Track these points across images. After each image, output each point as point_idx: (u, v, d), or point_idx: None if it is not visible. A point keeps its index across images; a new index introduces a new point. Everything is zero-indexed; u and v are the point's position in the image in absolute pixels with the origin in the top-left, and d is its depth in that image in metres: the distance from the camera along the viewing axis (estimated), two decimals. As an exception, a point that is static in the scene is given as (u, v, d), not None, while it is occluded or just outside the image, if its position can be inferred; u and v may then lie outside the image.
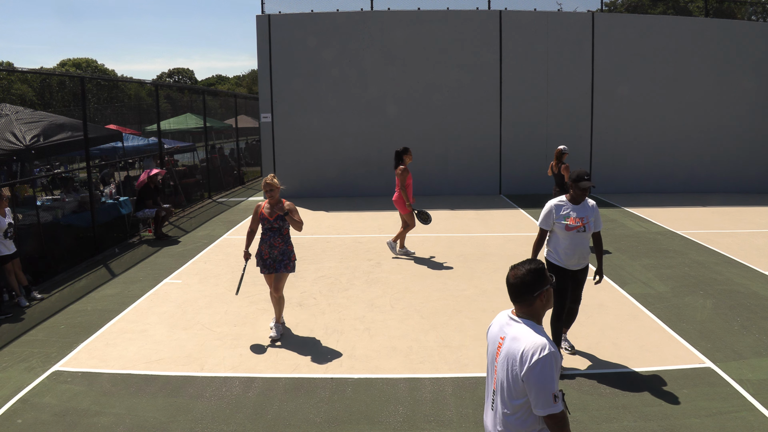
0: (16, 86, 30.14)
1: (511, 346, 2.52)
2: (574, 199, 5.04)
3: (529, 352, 2.44)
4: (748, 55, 15.30)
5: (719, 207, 13.33)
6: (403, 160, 8.83)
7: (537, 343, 2.45)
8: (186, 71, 65.38)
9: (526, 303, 2.59)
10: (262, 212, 5.84)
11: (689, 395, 4.68)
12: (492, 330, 2.70)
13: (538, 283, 2.57)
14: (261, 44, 15.16)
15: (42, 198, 12.15)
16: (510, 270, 2.65)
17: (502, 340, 2.59)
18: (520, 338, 2.51)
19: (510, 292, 2.63)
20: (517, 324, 2.57)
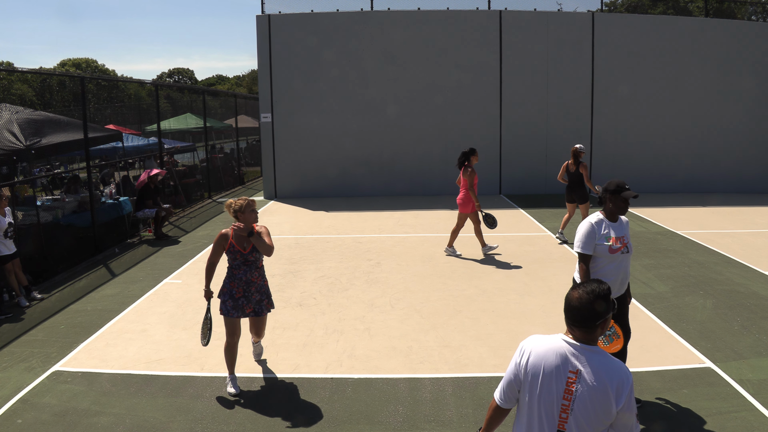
0: (17, 86, 30.14)
1: (597, 381, 2.24)
2: (612, 214, 4.36)
3: (623, 383, 2.26)
4: (748, 55, 15.30)
5: (719, 207, 13.33)
6: (470, 161, 8.89)
7: (624, 370, 2.29)
8: (186, 71, 65.39)
9: (590, 329, 2.31)
10: (233, 242, 4.81)
11: (689, 395, 4.68)
12: (547, 360, 2.31)
13: (605, 310, 2.31)
14: (261, 44, 15.17)
15: (42, 198, 12.14)
16: (573, 291, 2.36)
17: (574, 374, 2.26)
18: (603, 370, 2.26)
19: (573, 317, 2.33)
20: (590, 353, 2.29)
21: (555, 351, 2.31)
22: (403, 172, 15.62)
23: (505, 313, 6.62)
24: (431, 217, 12.42)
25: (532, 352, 2.35)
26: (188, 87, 40.27)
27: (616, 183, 4.34)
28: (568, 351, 2.30)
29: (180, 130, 21.28)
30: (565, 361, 2.28)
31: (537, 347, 2.35)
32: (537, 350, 2.34)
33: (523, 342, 2.42)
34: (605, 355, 2.30)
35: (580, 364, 2.27)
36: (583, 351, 2.29)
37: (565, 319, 2.37)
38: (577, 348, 2.30)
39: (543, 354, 2.32)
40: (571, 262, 8.77)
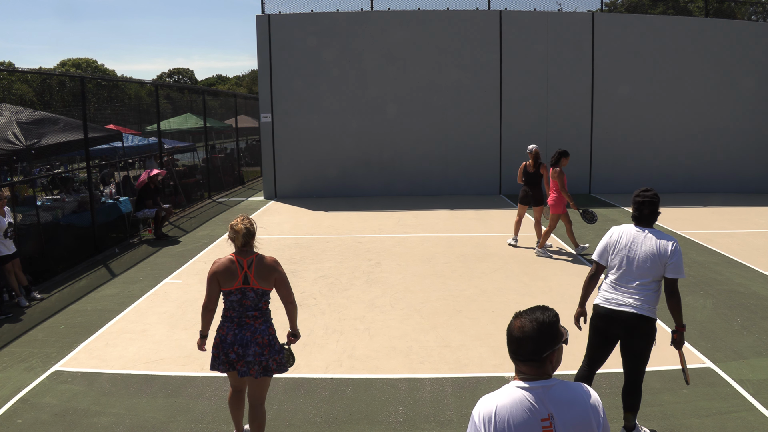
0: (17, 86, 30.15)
1: (572, 415, 2.02)
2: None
3: (597, 405, 2.06)
4: (748, 55, 15.30)
5: (719, 207, 13.33)
6: (561, 162, 8.98)
7: (589, 392, 2.09)
8: (186, 71, 65.40)
9: (538, 363, 2.05)
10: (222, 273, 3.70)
11: (689, 395, 4.68)
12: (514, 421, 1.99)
13: (553, 340, 2.06)
14: (261, 44, 15.17)
15: (42, 198, 12.14)
16: (515, 320, 2.09)
17: (548, 420, 1.99)
18: (573, 401, 2.04)
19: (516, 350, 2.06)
20: (553, 388, 2.04)
21: (517, 406, 2.00)
22: (403, 172, 15.62)
23: (505, 313, 6.62)
24: (431, 217, 12.42)
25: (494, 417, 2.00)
26: (188, 87, 40.28)
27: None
28: (529, 399, 2.01)
29: (180, 130, 21.28)
30: (532, 412, 1.99)
31: (498, 411, 2.00)
32: (499, 414, 1.99)
33: (476, 412, 2.04)
34: (565, 384, 2.07)
35: (548, 406, 2.01)
36: (545, 391, 2.02)
37: (512, 357, 2.08)
38: (537, 391, 2.02)
39: (506, 416, 1.99)
40: (570, 261, 8.78)
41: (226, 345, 3.71)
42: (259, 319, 3.74)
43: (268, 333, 3.75)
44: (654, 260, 3.85)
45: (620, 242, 3.97)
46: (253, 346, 3.68)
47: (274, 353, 3.75)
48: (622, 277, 3.93)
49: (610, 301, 3.94)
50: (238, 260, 3.72)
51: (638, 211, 4.00)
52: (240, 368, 3.71)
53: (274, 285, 3.77)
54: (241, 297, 3.70)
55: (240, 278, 3.67)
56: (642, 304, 3.86)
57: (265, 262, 3.74)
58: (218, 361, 3.77)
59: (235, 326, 3.72)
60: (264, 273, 3.71)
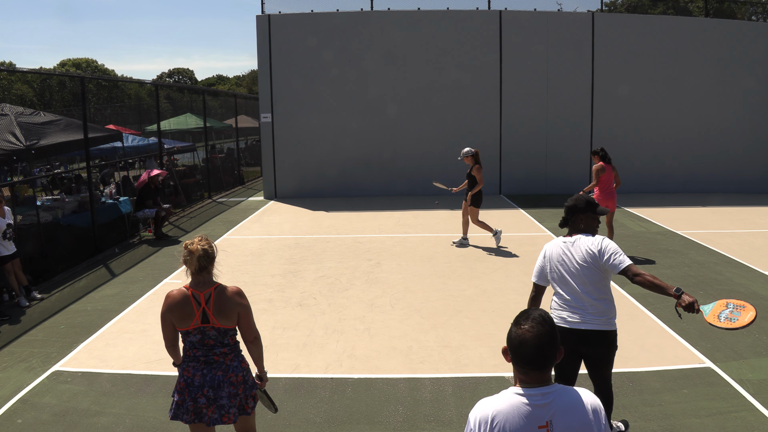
0: (17, 86, 30.15)
1: (573, 420, 1.99)
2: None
3: (597, 408, 2.03)
4: (748, 55, 15.30)
5: (719, 207, 13.33)
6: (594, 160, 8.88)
7: (590, 395, 2.06)
8: (186, 71, 65.41)
9: (549, 368, 2.02)
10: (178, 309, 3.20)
11: (689, 395, 4.68)
12: (512, 424, 1.96)
13: (555, 347, 2.03)
14: (261, 44, 15.17)
15: (42, 198, 12.15)
16: (523, 327, 2.02)
17: (545, 428, 1.97)
18: (573, 406, 2.00)
19: (528, 358, 1.99)
20: (551, 395, 2.00)
21: (514, 412, 1.96)
22: (403, 172, 15.62)
23: (505, 313, 6.62)
24: (431, 217, 12.42)
25: (490, 422, 1.97)
26: (188, 87, 40.27)
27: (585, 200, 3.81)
28: (527, 405, 1.97)
29: (180, 130, 21.28)
30: (530, 419, 1.96)
31: (494, 416, 1.97)
32: (495, 419, 1.97)
33: (473, 415, 2.02)
34: (566, 389, 2.03)
35: (547, 413, 1.97)
36: (544, 397, 1.98)
37: (514, 363, 2.04)
38: (536, 397, 1.98)
39: (502, 421, 1.96)
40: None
41: (194, 388, 3.16)
42: (229, 356, 3.21)
43: (242, 368, 3.26)
44: (590, 267, 3.59)
45: (552, 258, 3.73)
46: (226, 386, 3.17)
47: (249, 389, 3.28)
48: (567, 293, 3.65)
49: (566, 320, 3.64)
50: (194, 294, 3.14)
51: (566, 216, 3.80)
52: (211, 415, 3.16)
53: (237, 320, 3.22)
54: (201, 337, 3.17)
55: (197, 316, 3.13)
56: (596, 317, 3.59)
57: (225, 295, 3.17)
58: (182, 409, 3.19)
59: (203, 366, 3.18)
60: (224, 309, 3.14)
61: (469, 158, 9.53)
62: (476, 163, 9.53)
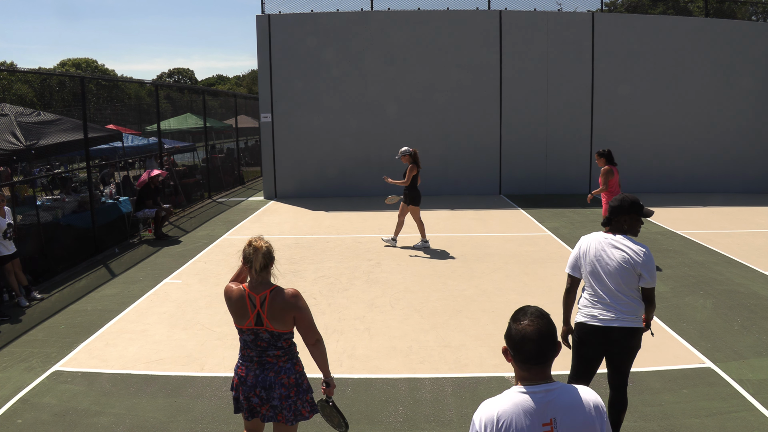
0: (17, 86, 30.15)
1: (577, 416, 2.00)
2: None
3: (599, 406, 2.05)
4: (748, 55, 15.30)
5: (719, 207, 13.33)
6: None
7: (592, 393, 2.08)
8: (186, 71, 65.41)
9: (549, 363, 2.04)
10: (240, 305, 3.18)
11: (689, 395, 4.68)
12: (517, 423, 1.97)
13: (554, 342, 2.05)
14: (261, 44, 15.17)
15: (42, 198, 12.14)
16: (523, 322, 2.06)
17: (549, 425, 1.98)
18: (576, 402, 2.02)
19: (531, 353, 2.01)
20: (554, 391, 2.02)
21: (518, 411, 1.98)
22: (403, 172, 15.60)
23: (505, 313, 6.62)
24: (431, 217, 12.42)
25: (495, 423, 1.97)
26: (188, 87, 40.28)
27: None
28: (531, 404, 1.98)
29: (180, 130, 21.28)
30: (534, 417, 1.97)
31: (499, 416, 1.98)
32: (500, 419, 1.97)
33: (477, 417, 2.03)
34: (567, 387, 2.05)
35: (550, 411, 1.98)
36: (547, 395, 2.00)
37: (516, 361, 2.05)
38: (539, 395, 1.99)
39: (507, 421, 1.97)
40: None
41: (247, 388, 3.19)
42: (282, 358, 3.18)
43: (295, 371, 3.21)
44: (626, 270, 3.59)
45: (588, 252, 3.70)
46: (278, 388, 3.15)
47: (303, 393, 3.23)
48: (597, 290, 3.65)
49: (597, 317, 3.64)
50: (250, 296, 3.12)
51: (608, 216, 3.76)
52: (265, 413, 3.20)
53: (294, 325, 3.17)
54: (254, 338, 3.16)
55: (252, 318, 3.11)
56: (628, 315, 3.62)
57: (281, 298, 3.11)
58: (239, 405, 3.30)
59: (256, 366, 3.18)
60: (278, 313, 3.09)
61: (406, 157, 9.53)
62: (413, 162, 9.49)
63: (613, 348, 3.68)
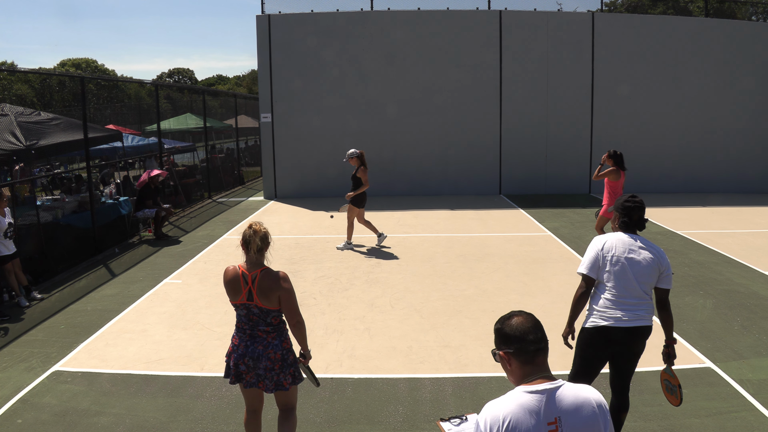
0: (17, 86, 30.15)
1: (581, 416, 2.01)
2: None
3: (602, 406, 2.05)
4: (748, 55, 15.30)
5: (719, 207, 13.33)
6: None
7: (595, 393, 2.08)
8: (186, 71, 65.41)
9: (545, 356, 2.08)
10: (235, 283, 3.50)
11: (689, 395, 4.68)
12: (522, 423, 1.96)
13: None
14: (261, 44, 15.17)
15: (42, 198, 12.14)
16: (516, 318, 2.13)
17: (554, 424, 1.98)
18: (580, 401, 2.02)
19: (528, 347, 2.05)
20: (558, 389, 2.02)
21: (523, 411, 1.97)
22: (403, 172, 15.62)
23: (505, 313, 6.61)
24: (431, 217, 12.42)
25: (500, 423, 1.97)
26: (188, 87, 40.28)
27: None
28: (535, 403, 1.98)
29: (180, 130, 21.29)
30: (539, 417, 1.97)
31: (504, 417, 1.97)
32: (505, 420, 1.97)
33: (482, 418, 2.03)
34: (570, 386, 2.05)
35: (555, 410, 1.98)
36: (552, 394, 2.00)
37: (518, 357, 2.08)
38: (543, 395, 2.00)
39: (512, 421, 1.97)
40: (570, 261, 8.78)
41: (237, 356, 3.53)
42: (272, 334, 3.51)
43: (282, 348, 3.52)
44: (653, 269, 3.60)
45: (614, 252, 3.62)
46: (264, 360, 3.48)
47: (287, 367, 3.54)
48: (624, 290, 3.59)
49: (621, 319, 3.56)
50: (243, 274, 3.47)
51: (629, 216, 3.71)
52: (249, 380, 3.53)
53: (278, 303, 3.47)
54: (246, 312, 3.49)
55: (244, 294, 3.45)
56: (648, 314, 3.63)
57: (270, 278, 3.45)
58: (228, 370, 3.64)
59: (248, 338, 3.52)
60: (267, 291, 3.42)
61: (354, 159, 9.59)
62: (361, 164, 9.53)
63: (625, 349, 3.64)
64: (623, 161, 8.28)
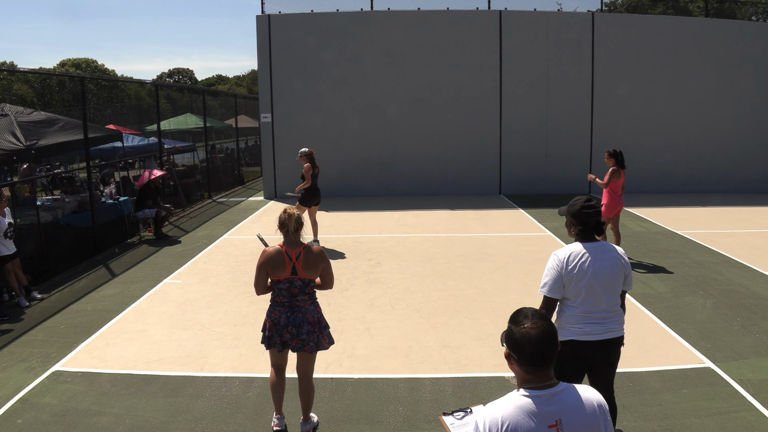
0: (17, 86, 30.14)
1: (582, 417, 2.00)
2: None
3: (602, 406, 2.06)
4: (748, 55, 15.30)
5: (719, 207, 13.33)
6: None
7: (595, 394, 2.08)
8: (186, 71, 65.41)
9: (552, 364, 2.03)
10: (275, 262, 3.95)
11: (689, 395, 4.68)
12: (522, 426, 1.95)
13: (556, 343, 2.06)
14: (261, 44, 15.17)
15: (42, 198, 12.14)
16: (526, 325, 2.03)
17: (555, 427, 1.98)
18: (580, 404, 2.02)
19: (536, 355, 2.00)
20: (558, 394, 2.01)
21: (523, 414, 1.96)
22: (403, 172, 15.63)
23: (505, 313, 6.62)
24: (431, 217, 12.42)
25: (499, 426, 1.95)
26: (188, 87, 40.28)
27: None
28: (535, 406, 1.97)
29: (180, 130, 21.29)
30: (539, 420, 1.96)
31: (503, 419, 1.96)
32: (505, 423, 1.95)
33: (481, 420, 2.01)
34: (571, 388, 2.04)
35: (556, 413, 1.98)
36: (552, 397, 1.99)
37: (520, 364, 2.04)
38: (543, 398, 1.98)
39: (511, 424, 1.95)
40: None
41: (280, 327, 4.01)
42: (307, 302, 4.04)
43: (317, 312, 4.08)
44: (618, 276, 3.44)
45: (577, 266, 3.40)
46: (305, 325, 4.00)
47: (323, 329, 4.08)
48: (593, 305, 3.42)
49: (591, 333, 3.43)
50: (287, 252, 3.94)
51: (586, 224, 3.50)
52: (295, 345, 4.03)
53: (320, 273, 4.05)
54: (289, 285, 3.97)
55: (288, 269, 3.93)
56: (618, 325, 3.49)
57: (312, 253, 3.97)
58: (273, 342, 4.05)
59: (287, 309, 4.01)
60: (312, 264, 3.96)
61: (302, 157, 9.61)
62: (309, 162, 9.51)
63: (598, 360, 3.52)
64: (623, 159, 8.48)
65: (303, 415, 4.23)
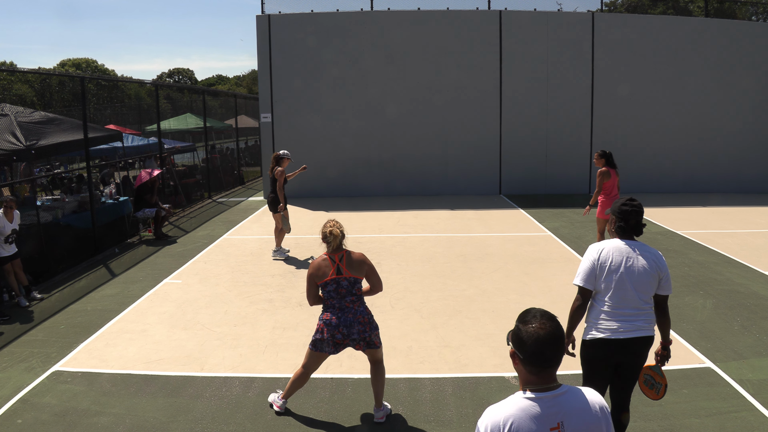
0: (17, 86, 30.13)
1: (584, 420, 2.00)
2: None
3: (604, 408, 2.05)
4: (748, 55, 15.30)
5: (719, 207, 13.33)
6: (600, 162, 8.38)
7: (598, 397, 2.07)
8: (186, 71, 65.41)
9: (557, 365, 2.02)
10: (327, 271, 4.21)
11: (689, 395, 4.68)
12: (523, 428, 1.94)
13: (563, 345, 2.04)
14: (261, 44, 15.17)
15: (42, 198, 12.14)
16: (534, 325, 2.01)
17: (560, 429, 1.97)
18: (584, 407, 2.02)
19: (542, 355, 1.98)
20: (561, 396, 2.00)
21: (525, 416, 1.95)
22: (403, 172, 15.62)
23: (505, 313, 6.62)
24: (431, 217, 12.42)
25: (501, 429, 1.95)
26: (188, 87, 40.28)
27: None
28: (538, 408, 1.96)
29: (180, 130, 21.29)
30: (541, 422, 1.95)
31: (505, 422, 1.95)
32: (506, 425, 1.95)
33: (483, 423, 1.99)
34: (574, 390, 2.03)
35: (558, 415, 1.97)
36: (554, 399, 1.98)
37: (526, 364, 2.02)
38: (546, 400, 1.97)
39: (513, 427, 1.94)
40: (570, 262, 8.78)
41: (332, 327, 4.20)
42: (356, 303, 4.25)
43: (367, 313, 4.28)
44: (652, 277, 3.44)
45: (611, 261, 3.44)
46: (356, 325, 4.20)
47: (374, 329, 4.27)
48: (621, 300, 3.43)
49: (618, 331, 3.43)
50: (331, 257, 4.24)
51: (625, 221, 3.51)
52: (347, 344, 4.25)
53: (365, 275, 4.28)
54: (336, 286, 4.19)
55: (333, 270, 4.20)
56: (648, 324, 3.47)
57: (353, 255, 4.27)
58: (324, 343, 4.23)
59: (338, 311, 4.22)
60: (354, 264, 4.23)
61: (287, 160, 9.08)
62: (276, 165, 9.00)
63: (628, 360, 3.51)
64: (613, 159, 8.49)
65: (375, 401, 4.45)
